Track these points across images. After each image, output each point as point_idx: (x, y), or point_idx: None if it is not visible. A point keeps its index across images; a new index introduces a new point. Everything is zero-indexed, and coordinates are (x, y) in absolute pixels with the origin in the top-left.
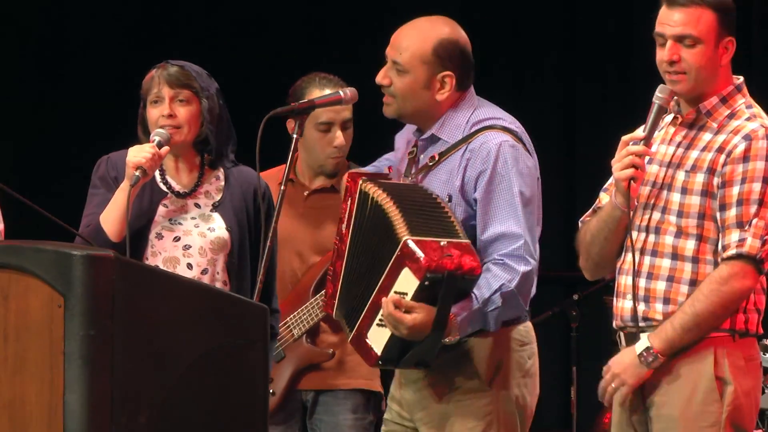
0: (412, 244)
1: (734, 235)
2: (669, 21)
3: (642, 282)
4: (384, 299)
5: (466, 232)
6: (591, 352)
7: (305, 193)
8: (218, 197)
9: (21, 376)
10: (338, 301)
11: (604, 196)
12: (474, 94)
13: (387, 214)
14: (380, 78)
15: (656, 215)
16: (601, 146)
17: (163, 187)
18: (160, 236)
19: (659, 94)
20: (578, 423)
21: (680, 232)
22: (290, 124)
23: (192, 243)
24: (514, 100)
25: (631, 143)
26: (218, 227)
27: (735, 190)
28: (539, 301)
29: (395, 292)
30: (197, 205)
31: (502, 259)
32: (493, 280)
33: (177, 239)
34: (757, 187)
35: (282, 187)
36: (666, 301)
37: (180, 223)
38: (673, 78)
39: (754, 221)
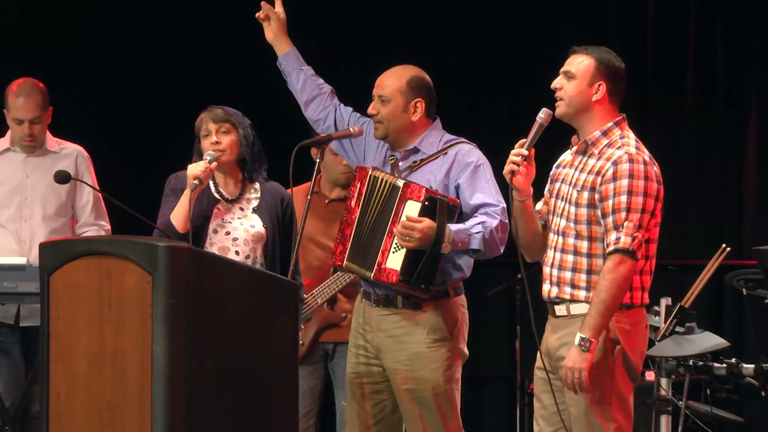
0: (409, 184)
1: (612, 236)
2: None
3: (555, 272)
4: (395, 228)
5: None
6: (529, 316)
7: (326, 201)
8: (256, 203)
9: (121, 333)
10: (349, 253)
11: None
12: (440, 124)
13: (390, 182)
14: (371, 110)
15: (562, 222)
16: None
17: (217, 196)
18: (215, 231)
19: (541, 115)
20: (521, 367)
21: (577, 235)
22: (314, 152)
23: (238, 236)
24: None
25: (515, 149)
26: (257, 225)
27: (609, 203)
28: (493, 278)
29: None
30: (241, 209)
31: (486, 212)
32: (479, 218)
33: (227, 233)
34: (624, 198)
35: (309, 197)
36: (572, 286)
37: (229, 222)
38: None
39: (625, 224)
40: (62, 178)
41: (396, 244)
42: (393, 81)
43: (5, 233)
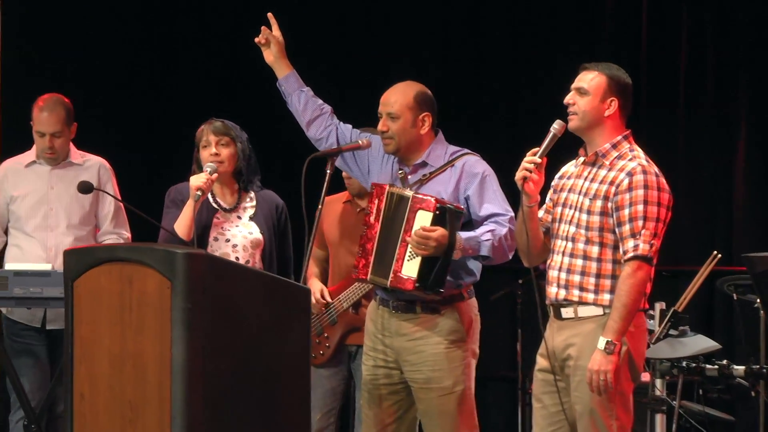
0: (418, 195)
1: (630, 243)
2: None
3: (563, 275)
4: (409, 237)
5: None
6: (530, 320)
7: (357, 210)
8: (252, 211)
9: (141, 336)
10: (372, 267)
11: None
12: (443, 136)
13: (404, 196)
14: (381, 127)
15: (572, 228)
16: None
17: (215, 205)
18: (216, 239)
19: (555, 126)
20: (522, 367)
21: (588, 240)
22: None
23: (237, 243)
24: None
25: (528, 156)
26: (255, 231)
27: (626, 212)
28: (495, 283)
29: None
30: (239, 217)
31: (495, 221)
32: (489, 227)
33: (227, 240)
34: (640, 207)
35: (320, 205)
36: (581, 289)
37: (228, 230)
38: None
39: (643, 231)
40: (85, 188)
41: (410, 252)
42: (401, 97)
43: (32, 242)
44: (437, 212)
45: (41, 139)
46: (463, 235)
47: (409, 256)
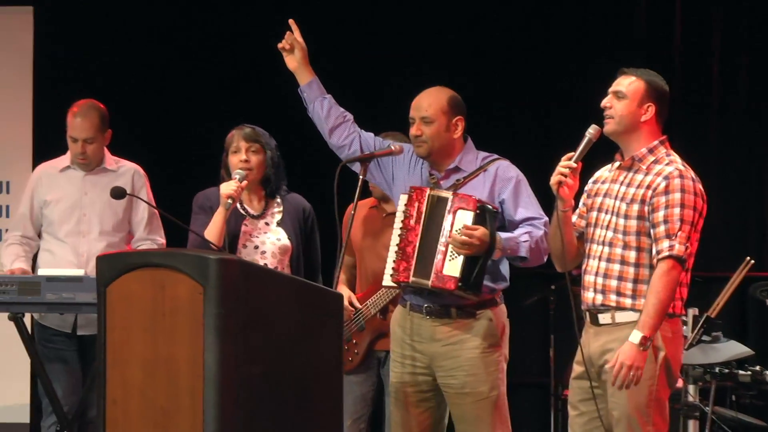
0: (458, 194)
1: (665, 243)
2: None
3: (600, 280)
4: (449, 237)
5: None
6: (563, 325)
7: (383, 215)
8: (279, 216)
9: (174, 341)
10: (414, 269)
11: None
12: (471, 142)
13: (444, 197)
14: (415, 131)
15: (609, 233)
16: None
17: (242, 212)
18: (244, 246)
19: (590, 130)
20: (555, 373)
21: (625, 245)
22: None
23: (266, 249)
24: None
25: (564, 161)
26: (283, 237)
27: (661, 214)
28: (528, 289)
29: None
30: (266, 223)
31: (531, 224)
32: (526, 228)
33: (256, 247)
34: (677, 210)
35: (352, 211)
36: (618, 294)
37: (257, 236)
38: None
39: (678, 233)
40: (118, 194)
41: (451, 252)
42: (434, 101)
43: (64, 247)
44: (478, 211)
45: (74, 144)
46: (503, 235)
47: (451, 256)
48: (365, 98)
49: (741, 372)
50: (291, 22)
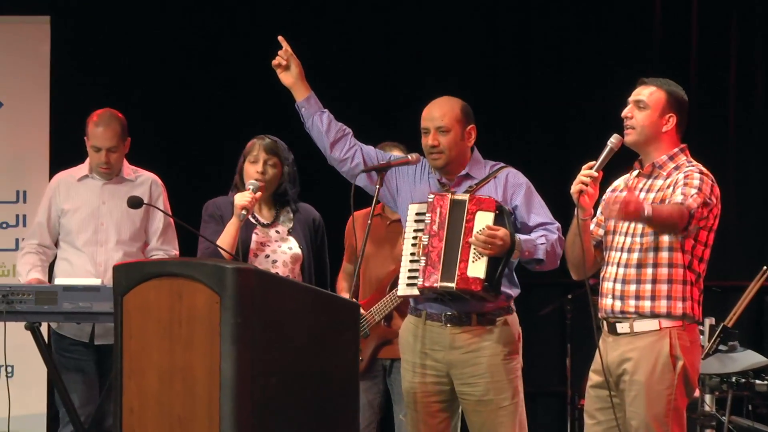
0: (476, 196)
1: (681, 197)
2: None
3: (618, 286)
4: (471, 238)
5: None
6: (579, 335)
7: (387, 223)
8: (290, 225)
9: (191, 350)
10: (441, 274)
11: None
12: (477, 151)
13: (464, 200)
14: (432, 141)
15: (628, 240)
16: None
17: (253, 221)
18: (256, 255)
19: (612, 140)
20: (571, 382)
21: (642, 248)
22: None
23: (277, 258)
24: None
25: (585, 170)
26: (294, 246)
27: (678, 191)
28: (545, 298)
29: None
30: (277, 232)
31: (545, 228)
32: (541, 232)
33: (267, 256)
34: (695, 184)
35: (369, 220)
36: (637, 297)
37: (268, 245)
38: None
39: (695, 194)
40: (134, 203)
41: (474, 253)
42: (448, 110)
43: (82, 256)
44: (497, 212)
45: (97, 154)
46: (521, 237)
47: (474, 257)
48: (369, 110)
49: (758, 381)
50: (280, 38)
